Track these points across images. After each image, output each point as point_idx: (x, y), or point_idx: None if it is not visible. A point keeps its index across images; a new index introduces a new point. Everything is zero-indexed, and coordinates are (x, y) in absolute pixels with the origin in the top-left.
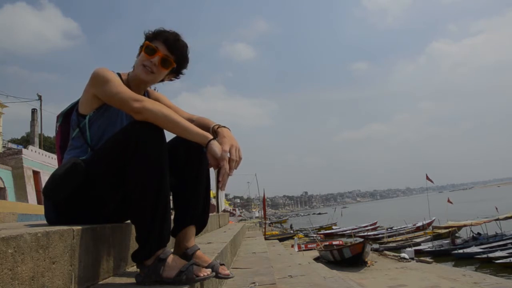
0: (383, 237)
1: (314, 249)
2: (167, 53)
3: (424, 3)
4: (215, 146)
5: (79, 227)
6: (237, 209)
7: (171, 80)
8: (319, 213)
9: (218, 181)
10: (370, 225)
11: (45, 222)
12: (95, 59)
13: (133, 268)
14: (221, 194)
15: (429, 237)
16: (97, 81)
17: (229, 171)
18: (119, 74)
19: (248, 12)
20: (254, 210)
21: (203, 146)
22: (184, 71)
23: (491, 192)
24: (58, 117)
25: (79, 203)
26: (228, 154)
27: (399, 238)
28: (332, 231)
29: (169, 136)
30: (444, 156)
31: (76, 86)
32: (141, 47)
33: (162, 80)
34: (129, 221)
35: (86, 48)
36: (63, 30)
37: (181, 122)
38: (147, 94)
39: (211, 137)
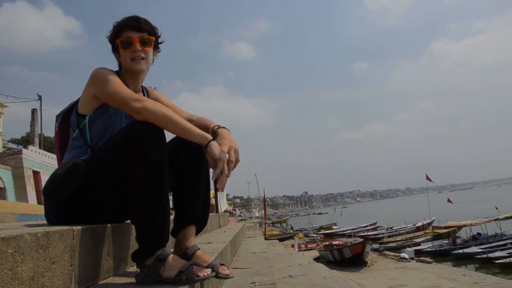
0: (383, 237)
1: (314, 249)
2: (140, 34)
3: (425, 3)
4: (215, 147)
5: (79, 227)
6: (237, 209)
7: (157, 53)
8: (319, 213)
9: (215, 182)
10: (370, 225)
11: (45, 222)
12: (96, 58)
13: (133, 268)
14: (222, 195)
15: (429, 237)
16: (97, 81)
17: (227, 173)
18: (117, 73)
19: (248, 12)
20: (254, 210)
21: (202, 146)
22: (160, 39)
23: (491, 192)
24: (57, 117)
25: (79, 203)
26: (227, 155)
27: (399, 238)
28: (332, 231)
29: (169, 136)
30: (444, 156)
31: (77, 86)
32: (113, 48)
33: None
34: (129, 221)
35: (88, 47)
36: (65, 29)
37: (181, 123)
38: (146, 93)
39: (211, 137)
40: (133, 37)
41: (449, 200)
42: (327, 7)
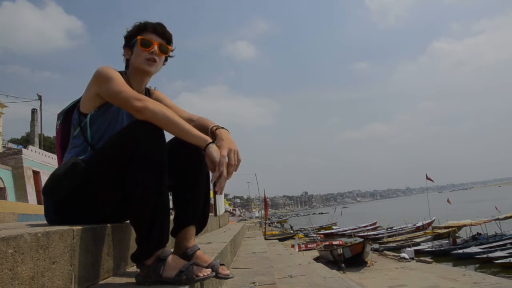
0: (383, 237)
1: (314, 249)
2: (161, 40)
3: (426, 3)
4: (213, 149)
5: (79, 227)
6: (237, 209)
7: (163, 64)
8: (320, 213)
9: (214, 184)
10: (370, 225)
11: (45, 222)
12: (98, 58)
13: (133, 268)
14: (220, 198)
15: (429, 237)
16: (100, 79)
17: (227, 176)
18: (121, 73)
19: (249, 12)
20: (254, 210)
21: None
22: (172, 53)
23: (491, 192)
24: (58, 115)
25: (79, 203)
26: (227, 159)
27: (399, 238)
28: (332, 231)
29: (168, 136)
30: (444, 156)
31: (78, 86)
32: (128, 43)
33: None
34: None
35: (90, 46)
36: (66, 29)
37: (181, 124)
38: (148, 94)
39: (210, 140)
40: (154, 40)
41: (448, 201)
42: (329, 7)
